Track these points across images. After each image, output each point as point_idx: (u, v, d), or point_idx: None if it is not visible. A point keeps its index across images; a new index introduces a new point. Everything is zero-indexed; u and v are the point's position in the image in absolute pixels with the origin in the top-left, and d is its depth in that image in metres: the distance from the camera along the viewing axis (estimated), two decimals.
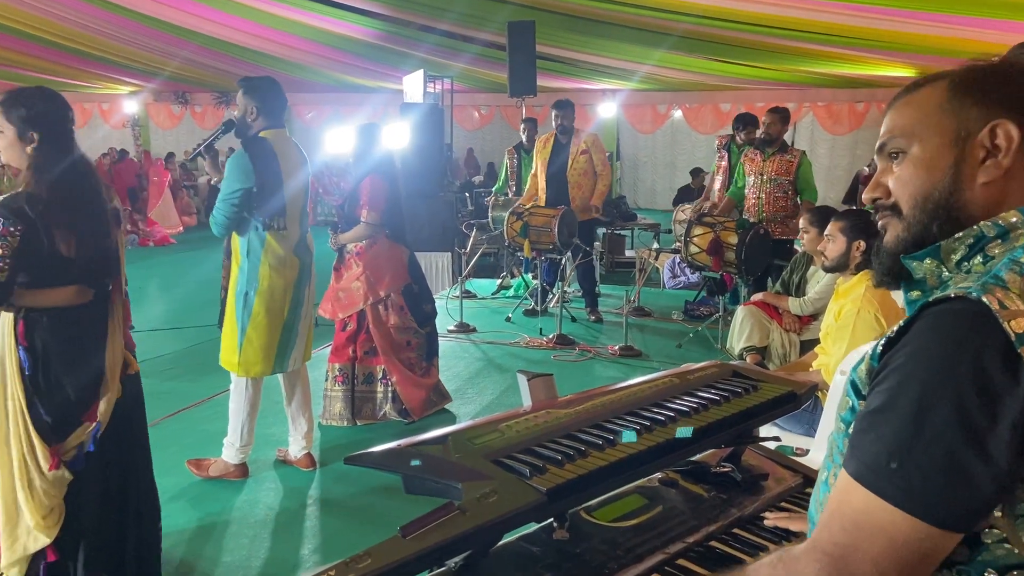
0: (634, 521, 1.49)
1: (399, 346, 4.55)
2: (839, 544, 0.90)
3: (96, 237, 2.47)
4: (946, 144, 1.00)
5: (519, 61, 8.57)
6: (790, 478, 1.72)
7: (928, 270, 1.02)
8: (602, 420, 1.50)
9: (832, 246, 3.36)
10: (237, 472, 3.75)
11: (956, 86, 1.01)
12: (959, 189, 1.00)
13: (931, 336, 0.88)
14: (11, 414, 2.42)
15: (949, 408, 0.83)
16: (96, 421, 2.49)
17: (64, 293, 2.43)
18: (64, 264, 2.40)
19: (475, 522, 1.12)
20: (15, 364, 2.40)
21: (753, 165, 6.16)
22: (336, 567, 1.01)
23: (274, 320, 3.65)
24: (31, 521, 2.43)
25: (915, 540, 0.86)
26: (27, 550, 2.44)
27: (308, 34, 11.73)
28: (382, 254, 4.48)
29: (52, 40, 12.61)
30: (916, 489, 0.85)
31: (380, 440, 4.50)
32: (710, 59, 11.96)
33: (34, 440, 2.41)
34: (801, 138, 16.03)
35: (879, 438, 0.89)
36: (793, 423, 3.22)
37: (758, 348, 4.59)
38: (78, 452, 2.47)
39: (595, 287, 7.31)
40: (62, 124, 2.45)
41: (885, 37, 8.80)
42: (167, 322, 6.96)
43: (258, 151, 3.52)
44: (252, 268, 3.58)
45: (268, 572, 3.04)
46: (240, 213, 3.52)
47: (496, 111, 18.19)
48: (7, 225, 2.29)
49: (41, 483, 2.43)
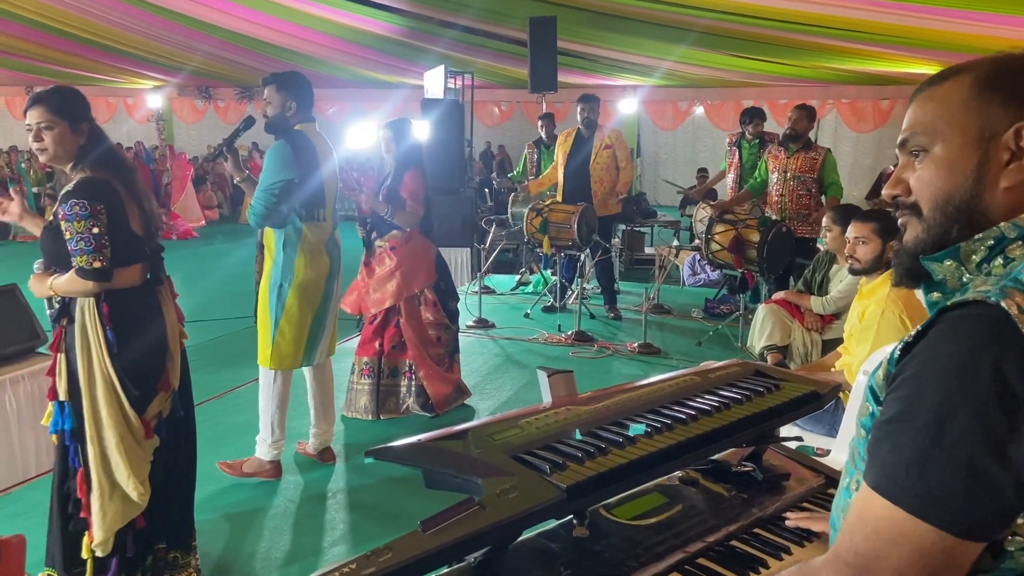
0: (654, 519, 1.49)
1: (429, 342, 4.57)
2: (860, 555, 0.90)
3: (152, 215, 2.63)
4: (969, 144, 0.97)
5: (540, 57, 8.56)
6: (812, 478, 1.71)
7: (948, 271, 1.00)
8: (623, 418, 1.49)
9: (865, 249, 3.27)
10: (271, 471, 3.76)
11: (981, 82, 0.97)
12: (981, 192, 0.97)
13: (948, 343, 0.87)
14: (102, 395, 2.51)
15: (968, 416, 0.82)
16: (172, 389, 2.65)
17: (136, 271, 2.56)
18: (136, 242, 2.54)
19: (495, 518, 1.12)
20: (103, 346, 2.49)
21: (777, 162, 6.11)
22: (358, 560, 1.01)
23: (306, 313, 3.67)
24: (134, 493, 2.54)
25: (937, 550, 0.84)
26: (125, 519, 2.56)
27: (330, 29, 11.78)
28: (416, 250, 4.49)
29: (77, 35, 12.74)
30: (937, 499, 0.84)
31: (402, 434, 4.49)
32: (732, 55, 11.88)
33: (129, 414, 2.53)
34: (825, 135, 15.87)
35: (897, 448, 0.87)
36: (815, 423, 3.20)
37: (779, 347, 4.55)
38: (159, 419, 2.62)
39: (614, 284, 7.29)
40: (88, 112, 2.58)
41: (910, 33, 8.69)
42: (189, 315, 6.98)
43: (298, 143, 3.54)
44: (287, 261, 3.59)
45: (288, 563, 3.07)
46: (279, 204, 3.52)
47: (516, 107, 18.18)
48: (94, 204, 2.40)
49: (140, 453, 2.56)
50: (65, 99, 2.51)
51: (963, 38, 8.41)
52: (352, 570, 1.00)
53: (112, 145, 2.61)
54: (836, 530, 1.10)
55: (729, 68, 13.14)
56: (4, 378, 3.69)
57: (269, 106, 3.61)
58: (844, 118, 15.88)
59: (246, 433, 4.12)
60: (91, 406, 2.51)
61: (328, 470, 3.90)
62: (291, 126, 3.59)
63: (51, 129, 2.47)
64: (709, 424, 1.49)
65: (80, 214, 2.39)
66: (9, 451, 3.71)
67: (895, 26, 8.40)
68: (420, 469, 1.29)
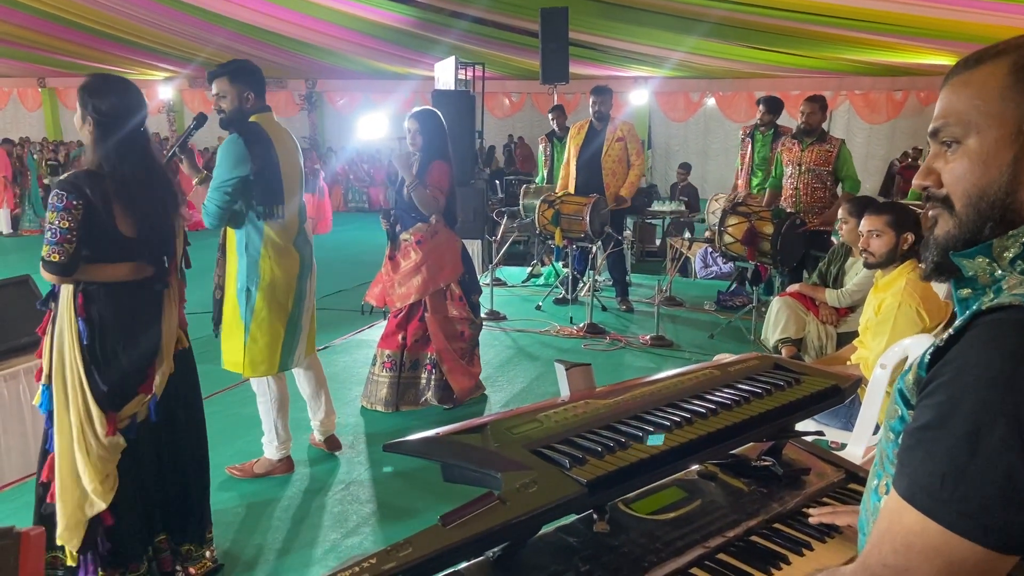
0: (673, 514, 1.47)
1: (453, 336, 4.54)
2: (889, 566, 0.87)
3: (154, 217, 2.58)
4: (1006, 137, 0.91)
5: (552, 48, 8.52)
6: (832, 473, 1.69)
7: (980, 268, 0.96)
8: (642, 412, 1.48)
9: (878, 241, 3.24)
10: (282, 467, 3.75)
11: (1020, 69, 0.92)
12: (1016, 189, 0.92)
13: (985, 349, 0.84)
14: (70, 382, 2.53)
15: (1007, 426, 0.79)
16: (152, 393, 2.62)
17: (122, 269, 2.55)
18: (123, 241, 2.51)
19: (515, 512, 1.11)
20: (74, 334, 2.51)
21: (791, 155, 6.06)
22: (378, 555, 1.00)
23: (278, 316, 3.49)
24: (89, 486, 2.54)
25: (971, 563, 0.82)
26: (86, 515, 2.56)
27: (341, 20, 11.76)
28: (442, 244, 4.44)
29: (89, 26, 12.78)
30: (973, 512, 0.81)
31: (419, 426, 4.52)
32: (745, 46, 11.81)
33: (91, 407, 2.52)
34: (837, 127, 15.77)
35: (931, 457, 0.85)
36: (831, 417, 3.17)
37: (794, 340, 4.53)
38: (132, 421, 2.60)
39: (626, 276, 7.27)
40: (122, 109, 2.53)
41: (924, 24, 8.61)
42: (200, 306, 7.02)
43: (253, 137, 3.32)
44: (251, 263, 3.40)
45: (301, 555, 3.07)
46: (233, 203, 3.33)
47: (527, 98, 18.14)
48: (70, 199, 2.41)
49: (98, 448, 2.54)
50: (84, 89, 2.51)
51: (978, 28, 8.32)
52: (372, 565, 0.99)
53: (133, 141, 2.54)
54: (864, 534, 1.08)
55: (741, 59, 13.07)
56: (19, 368, 3.71)
57: (223, 100, 3.35)
58: (857, 109, 15.78)
59: (256, 425, 4.12)
60: (61, 393, 2.54)
61: (341, 462, 3.91)
62: (247, 118, 3.37)
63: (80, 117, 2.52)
64: (728, 418, 1.47)
65: (55, 206, 2.41)
66: (24, 441, 3.73)
67: (909, 16, 8.32)
68: (438, 463, 1.28)
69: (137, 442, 2.63)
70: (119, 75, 2.69)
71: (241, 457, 3.84)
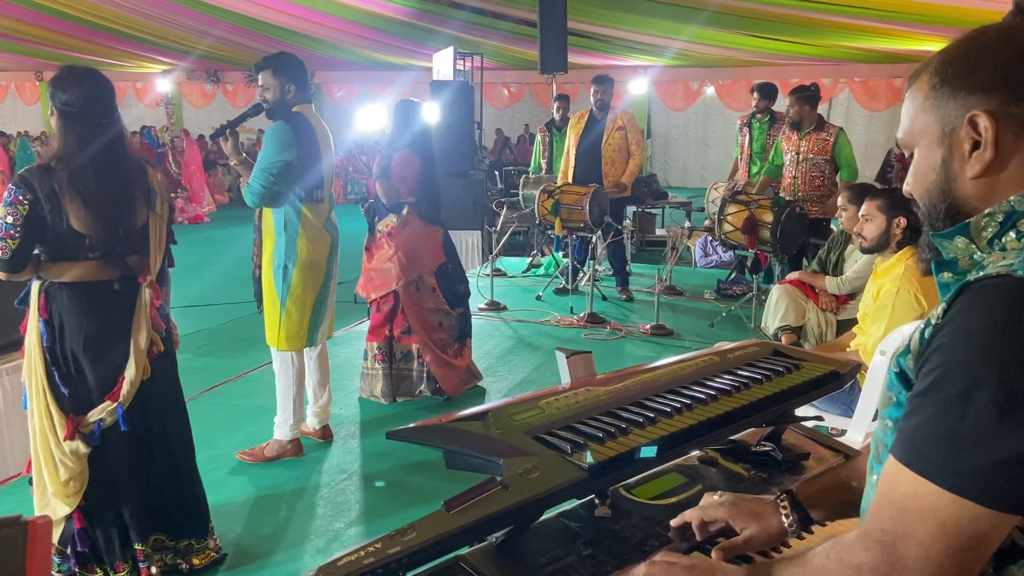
0: (674, 499, 1.48)
1: (431, 327, 4.55)
2: (888, 531, 0.89)
3: (113, 213, 2.49)
4: (933, 143, 1.00)
5: (550, 37, 8.50)
6: (832, 458, 1.70)
7: (959, 250, 0.99)
8: (642, 398, 1.49)
9: (870, 226, 3.27)
10: (293, 449, 3.79)
11: (933, 79, 0.99)
12: (951, 187, 0.99)
13: (974, 313, 0.86)
14: (35, 383, 2.52)
15: (995, 386, 0.82)
16: (118, 402, 2.54)
17: (80, 268, 2.49)
18: (77, 239, 2.44)
19: (518, 497, 1.12)
20: (36, 335, 2.50)
21: (790, 144, 6.04)
22: (383, 540, 1.02)
23: (310, 293, 3.68)
24: (51, 488, 2.54)
25: (965, 522, 0.84)
26: (55, 514, 2.55)
27: (339, 12, 11.73)
28: (415, 235, 4.45)
29: (86, 19, 12.74)
30: (965, 470, 0.83)
31: (417, 416, 4.53)
32: (744, 34, 11.78)
33: (52, 410, 2.51)
34: (836, 114, 15.75)
35: (925, 420, 0.87)
36: (830, 403, 3.19)
37: (794, 328, 4.53)
38: (96, 428, 2.54)
39: (626, 266, 7.27)
40: (86, 103, 2.46)
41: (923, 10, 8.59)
42: (201, 299, 7.05)
43: (298, 125, 3.54)
44: (290, 241, 3.60)
45: (305, 543, 3.09)
46: (277, 184, 3.52)
47: (526, 88, 18.10)
48: (17, 193, 2.38)
49: (58, 452, 2.52)
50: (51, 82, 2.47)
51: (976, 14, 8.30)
52: (377, 549, 1.00)
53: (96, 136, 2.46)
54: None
55: (740, 47, 13.05)
56: (19, 362, 3.70)
57: (267, 91, 3.58)
58: (856, 97, 15.75)
59: (259, 416, 4.15)
60: (32, 392, 2.54)
61: (342, 451, 3.93)
62: (290, 109, 3.59)
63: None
64: (729, 404, 1.48)
65: (4, 200, 2.38)
66: (25, 435, 3.71)
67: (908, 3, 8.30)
68: (440, 450, 1.29)
69: (107, 448, 2.58)
70: (88, 66, 2.59)
71: (246, 445, 3.85)
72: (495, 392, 4.79)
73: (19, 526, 1.22)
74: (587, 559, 1.27)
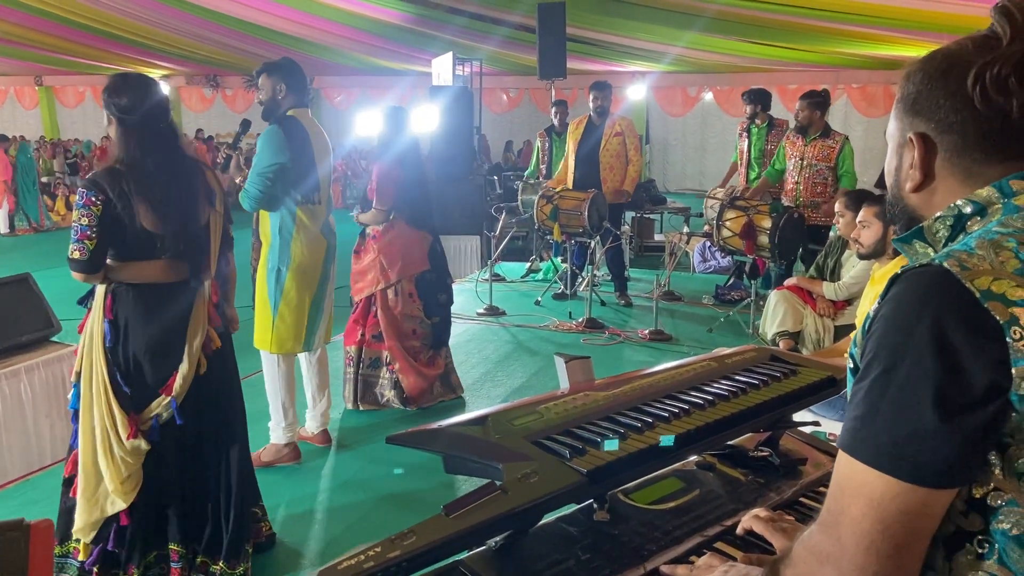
0: (672, 504, 1.49)
1: (404, 333, 4.48)
2: (831, 512, 0.93)
3: (180, 212, 2.57)
4: (895, 150, 1.08)
5: (549, 43, 8.53)
6: (828, 463, 1.70)
7: (919, 254, 1.04)
8: (641, 403, 1.50)
9: (867, 232, 3.29)
10: (290, 454, 3.79)
11: (899, 90, 1.06)
12: (900, 195, 1.07)
13: (897, 301, 0.90)
14: (95, 383, 2.55)
15: (910, 366, 0.85)
16: (171, 395, 2.59)
17: (153, 268, 2.55)
18: (149, 237, 2.51)
19: (517, 502, 1.13)
20: (100, 336, 2.53)
21: (794, 149, 6.06)
22: (383, 544, 1.02)
23: (305, 296, 3.69)
24: (110, 486, 2.55)
25: (889, 497, 0.86)
26: (104, 512, 2.58)
27: (338, 17, 11.76)
28: (398, 240, 4.42)
29: (86, 24, 12.76)
30: (883, 446, 0.86)
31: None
32: (742, 40, 11.82)
33: (115, 409, 2.54)
34: (835, 121, 15.71)
35: (855, 404, 0.91)
36: (828, 408, 3.19)
37: (791, 333, 4.55)
38: (154, 423, 2.59)
39: (624, 271, 7.28)
40: (140, 105, 2.53)
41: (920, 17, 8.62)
42: None
43: (290, 127, 3.56)
44: (284, 245, 3.61)
45: (300, 551, 3.09)
46: (273, 188, 3.54)
47: (524, 94, 18.12)
48: (89, 195, 2.44)
49: (119, 450, 2.55)
50: (107, 89, 2.54)
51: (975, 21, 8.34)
52: (377, 553, 1.01)
53: (159, 139, 2.56)
54: None
55: (739, 53, 13.08)
56: (19, 366, 3.72)
57: (261, 92, 3.65)
58: (855, 103, 15.79)
59: (257, 421, 4.14)
60: (88, 393, 2.56)
61: (340, 456, 3.93)
62: (283, 111, 3.61)
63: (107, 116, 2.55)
64: (726, 409, 1.49)
65: (77, 203, 2.45)
66: (25, 439, 3.75)
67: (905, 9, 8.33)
68: (440, 455, 1.29)
69: (162, 444, 2.62)
70: (139, 73, 2.70)
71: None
72: (494, 397, 4.79)
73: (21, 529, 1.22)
74: (585, 564, 1.27)
